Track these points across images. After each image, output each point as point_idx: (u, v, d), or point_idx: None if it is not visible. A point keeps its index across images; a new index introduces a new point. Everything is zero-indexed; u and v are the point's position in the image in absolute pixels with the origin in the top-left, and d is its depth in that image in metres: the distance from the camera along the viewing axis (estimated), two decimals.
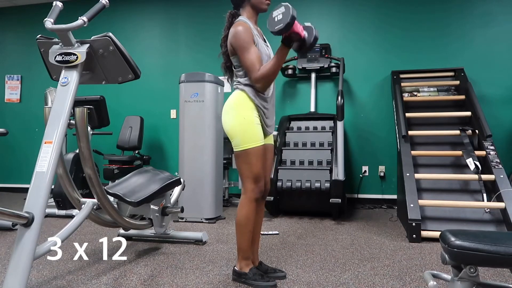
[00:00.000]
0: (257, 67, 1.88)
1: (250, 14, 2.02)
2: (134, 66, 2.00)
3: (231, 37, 1.94)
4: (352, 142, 4.71)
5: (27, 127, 5.74)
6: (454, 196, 3.23)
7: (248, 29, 1.92)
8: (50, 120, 1.82)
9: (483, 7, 4.40)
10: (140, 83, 5.22)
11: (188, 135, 3.69)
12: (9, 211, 1.55)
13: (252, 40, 1.91)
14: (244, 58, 1.90)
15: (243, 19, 1.98)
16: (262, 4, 2.00)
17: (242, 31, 1.90)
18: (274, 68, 1.87)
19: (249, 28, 1.92)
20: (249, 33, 1.91)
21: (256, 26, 2.06)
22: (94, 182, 2.09)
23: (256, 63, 1.88)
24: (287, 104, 4.90)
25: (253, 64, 1.88)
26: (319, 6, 4.82)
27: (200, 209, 3.62)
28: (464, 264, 1.28)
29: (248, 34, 1.90)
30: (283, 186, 3.75)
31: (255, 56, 1.89)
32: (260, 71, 1.88)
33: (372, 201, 4.58)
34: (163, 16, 5.33)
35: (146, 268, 2.28)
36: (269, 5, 2.02)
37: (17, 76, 5.81)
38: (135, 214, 2.67)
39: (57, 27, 1.87)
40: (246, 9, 2.02)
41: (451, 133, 3.56)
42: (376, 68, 4.64)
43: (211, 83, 3.70)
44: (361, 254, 2.58)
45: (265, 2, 2.00)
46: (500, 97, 4.32)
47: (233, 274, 2.08)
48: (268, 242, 2.88)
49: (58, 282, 2.07)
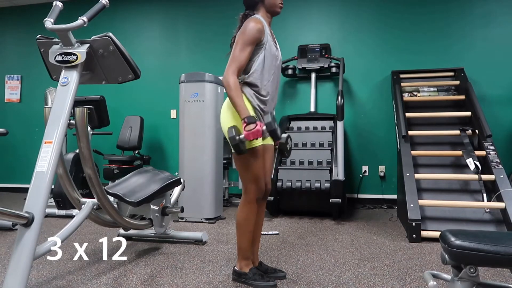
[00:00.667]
0: (237, 67, 1.88)
1: (264, 16, 2.02)
2: (134, 66, 2.00)
3: (241, 29, 1.93)
4: (352, 142, 4.71)
5: (27, 127, 5.74)
6: (454, 196, 3.23)
7: (261, 30, 1.91)
8: (50, 120, 1.82)
9: (483, 7, 4.40)
10: (140, 83, 5.22)
11: (188, 135, 3.69)
12: (9, 211, 1.55)
13: (255, 42, 1.91)
14: (236, 50, 1.90)
15: (259, 17, 1.97)
16: (276, 7, 2.01)
17: (255, 29, 1.89)
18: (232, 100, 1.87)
19: (261, 28, 1.91)
20: (259, 34, 1.90)
21: (270, 28, 2.06)
22: (94, 182, 2.09)
23: (238, 62, 1.89)
24: (287, 104, 4.90)
25: (235, 61, 1.89)
26: (319, 6, 4.82)
27: (200, 209, 3.62)
28: (464, 264, 1.28)
29: (258, 34, 1.90)
30: (283, 186, 3.75)
31: (243, 57, 1.89)
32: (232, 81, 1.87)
33: (372, 201, 4.58)
34: (163, 17, 5.32)
35: (146, 268, 2.28)
36: (282, 8, 2.04)
37: (17, 76, 5.81)
38: (135, 214, 2.67)
39: (57, 27, 1.87)
40: (260, 12, 2.02)
41: (451, 133, 3.56)
42: (376, 68, 4.64)
43: (211, 83, 3.70)
44: (361, 254, 2.58)
45: (279, 6, 2.01)
46: (500, 97, 4.33)
47: (233, 274, 2.08)
48: (268, 242, 2.88)
49: (58, 282, 2.07)
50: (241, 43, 1.90)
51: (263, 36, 1.93)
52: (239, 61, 1.89)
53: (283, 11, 4.87)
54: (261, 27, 1.91)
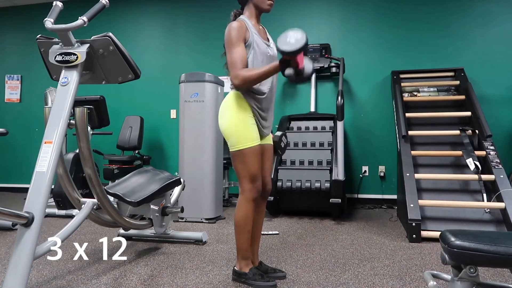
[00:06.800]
0: (238, 65, 1.88)
1: (252, 13, 2.03)
2: (134, 66, 2.00)
3: (225, 39, 1.94)
4: (352, 142, 4.71)
5: (27, 127, 5.74)
6: (454, 196, 3.23)
7: (241, 27, 1.91)
8: (50, 120, 1.82)
9: (483, 7, 4.40)
10: (140, 83, 5.22)
11: (188, 135, 3.69)
12: (9, 211, 1.55)
13: (241, 38, 1.91)
14: (229, 54, 1.91)
15: (242, 18, 1.98)
16: (264, 4, 2.00)
17: (233, 28, 1.91)
18: (258, 76, 1.85)
19: (242, 26, 1.92)
20: (240, 31, 1.91)
21: (259, 25, 2.06)
22: (94, 182, 2.09)
23: (238, 61, 1.88)
24: (287, 104, 4.90)
25: (234, 62, 1.88)
26: (319, 6, 4.82)
27: (200, 209, 3.62)
28: (464, 264, 1.28)
29: (239, 32, 1.90)
30: (283, 186, 3.75)
31: (238, 54, 1.89)
32: (244, 72, 1.86)
33: (372, 201, 4.58)
34: (163, 16, 5.33)
35: (146, 268, 2.28)
36: (271, 6, 2.01)
37: (17, 76, 5.81)
38: (135, 214, 2.67)
39: (57, 27, 1.87)
40: (248, 8, 2.03)
41: (451, 133, 3.56)
42: (376, 68, 4.64)
43: (211, 83, 3.70)
44: (361, 254, 2.58)
45: (267, 3, 2.00)
46: (500, 97, 4.33)
47: (233, 274, 2.08)
48: (268, 242, 2.88)
49: (58, 282, 2.07)
50: (229, 45, 1.91)
51: (247, 34, 1.94)
52: (237, 58, 1.88)
53: (283, 11, 4.88)
54: (240, 24, 1.92)
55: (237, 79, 1.87)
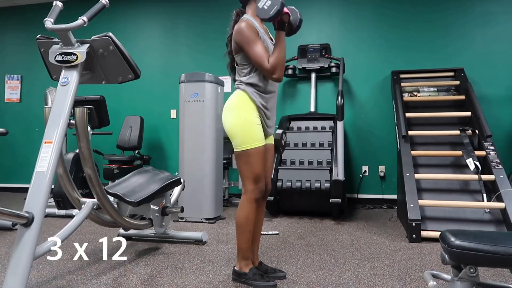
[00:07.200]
0: (266, 58, 1.88)
1: (255, 12, 2.03)
2: (134, 66, 2.00)
3: (235, 34, 1.94)
4: (352, 142, 4.71)
5: (27, 127, 5.74)
6: (454, 196, 3.23)
7: (252, 25, 1.92)
8: (50, 120, 1.82)
9: (483, 7, 4.40)
10: (140, 83, 5.22)
11: (188, 135, 3.69)
12: (9, 211, 1.55)
13: (257, 35, 1.92)
14: (252, 52, 1.90)
15: (247, 17, 1.98)
16: None
17: (246, 26, 1.90)
18: (281, 53, 1.89)
19: (252, 25, 1.93)
20: (253, 29, 1.91)
21: (262, 25, 2.06)
22: (94, 182, 2.08)
23: (265, 55, 1.89)
24: (287, 104, 4.90)
25: (262, 56, 1.88)
26: (319, 6, 4.82)
27: (200, 209, 3.62)
28: (464, 264, 1.28)
29: (252, 29, 1.91)
30: (283, 186, 3.75)
31: (262, 49, 1.89)
32: (271, 62, 1.88)
33: (372, 201, 4.58)
34: (163, 16, 5.33)
35: (146, 268, 2.28)
36: None
37: (17, 76, 5.81)
38: (135, 214, 2.67)
39: (57, 27, 1.87)
40: (251, 7, 2.03)
41: (451, 133, 3.56)
42: (376, 68, 4.64)
43: (211, 83, 3.70)
44: (361, 254, 2.58)
45: None
46: (500, 97, 4.32)
47: (233, 274, 2.08)
48: (268, 242, 2.88)
49: (58, 282, 2.07)
50: (248, 42, 1.90)
51: (258, 32, 1.94)
52: (261, 55, 1.88)
53: None
54: (251, 24, 1.93)
55: (273, 71, 1.88)
